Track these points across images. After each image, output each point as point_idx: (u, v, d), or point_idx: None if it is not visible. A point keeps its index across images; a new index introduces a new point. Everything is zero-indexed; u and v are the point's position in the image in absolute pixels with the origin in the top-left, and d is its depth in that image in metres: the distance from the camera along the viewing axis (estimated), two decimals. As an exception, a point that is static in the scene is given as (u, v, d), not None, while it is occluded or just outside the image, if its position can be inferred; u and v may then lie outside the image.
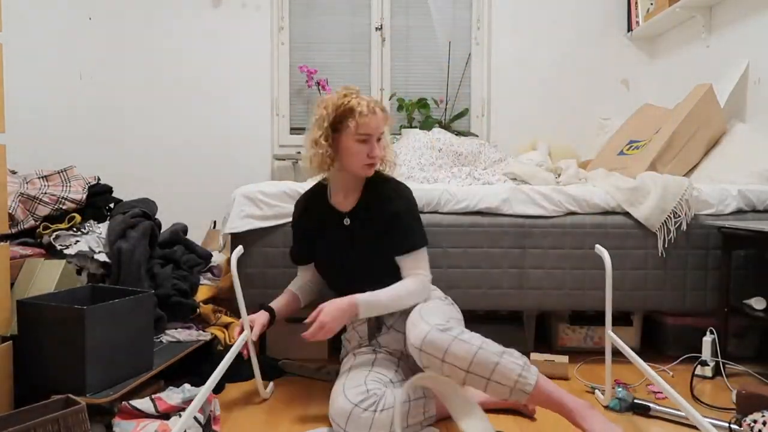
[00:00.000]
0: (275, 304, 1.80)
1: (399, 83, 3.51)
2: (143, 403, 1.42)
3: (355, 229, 1.72)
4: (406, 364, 1.70)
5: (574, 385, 1.92)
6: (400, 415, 1.46)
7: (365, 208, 1.72)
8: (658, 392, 1.84)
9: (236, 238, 2.10)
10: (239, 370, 1.96)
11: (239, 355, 1.70)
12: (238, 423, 1.62)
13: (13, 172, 2.05)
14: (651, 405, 1.64)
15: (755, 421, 1.40)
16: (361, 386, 1.49)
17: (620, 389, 1.74)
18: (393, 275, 1.69)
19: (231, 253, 2.16)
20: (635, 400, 1.67)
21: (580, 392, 1.86)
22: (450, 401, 1.41)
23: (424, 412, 1.52)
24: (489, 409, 1.66)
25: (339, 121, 1.63)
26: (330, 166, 1.66)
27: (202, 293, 2.10)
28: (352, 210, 1.73)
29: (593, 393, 1.85)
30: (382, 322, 1.73)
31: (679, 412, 1.60)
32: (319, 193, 1.80)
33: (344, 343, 1.81)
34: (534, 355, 2.04)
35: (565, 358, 2.02)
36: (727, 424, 1.49)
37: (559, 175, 2.46)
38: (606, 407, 1.72)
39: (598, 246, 1.75)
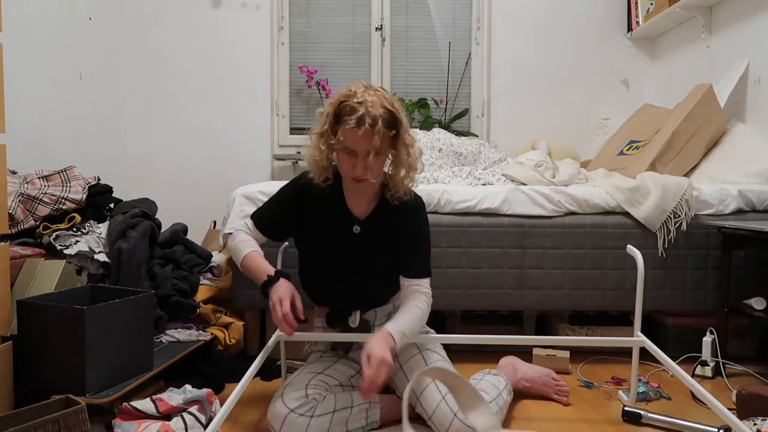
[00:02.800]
0: (274, 266, 1.57)
1: (399, 83, 3.51)
2: (144, 404, 1.42)
3: (363, 239, 1.60)
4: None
5: (572, 382, 1.92)
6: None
7: (379, 219, 1.61)
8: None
9: (236, 238, 2.10)
10: (239, 371, 1.96)
11: (240, 356, 1.69)
12: (239, 423, 1.61)
13: (13, 172, 2.05)
14: (642, 412, 1.62)
15: None
16: (301, 391, 1.47)
17: (640, 383, 1.76)
18: (387, 286, 1.66)
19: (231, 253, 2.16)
20: (625, 407, 1.64)
21: (575, 388, 1.87)
22: (457, 394, 1.42)
23: (367, 417, 1.51)
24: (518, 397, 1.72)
25: (335, 124, 1.47)
26: (324, 171, 1.55)
27: (202, 293, 2.10)
28: (365, 218, 1.61)
29: (589, 388, 1.86)
30: (350, 347, 1.69)
31: (671, 419, 1.58)
32: (336, 186, 1.61)
33: (308, 344, 1.76)
34: (536, 350, 2.06)
35: (566, 353, 2.03)
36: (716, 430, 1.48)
37: (554, 176, 2.45)
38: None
39: (630, 246, 1.74)
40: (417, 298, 1.56)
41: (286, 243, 1.89)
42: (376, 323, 1.67)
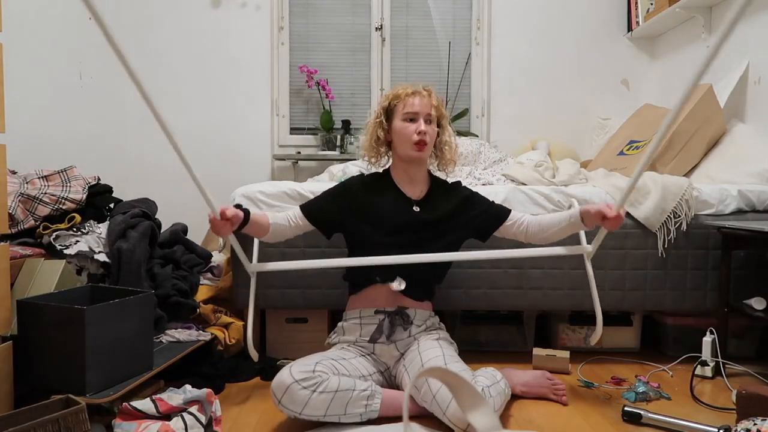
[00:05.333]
0: (252, 213, 1.64)
1: (399, 83, 3.50)
2: (144, 404, 1.42)
3: (424, 215, 1.76)
4: (383, 378, 1.72)
5: (572, 382, 1.92)
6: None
7: (435, 197, 1.81)
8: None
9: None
10: (239, 371, 1.96)
11: (240, 356, 1.70)
12: (238, 423, 1.61)
13: (13, 172, 2.05)
14: (642, 412, 1.61)
15: (748, 430, 1.38)
16: (309, 366, 1.51)
17: (640, 383, 1.77)
18: (437, 269, 1.82)
19: (231, 252, 2.16)
20: (625, 407, 1.64)
21: (575, 389, 1.87)
22: (458, 394, 1.42)
23: (366, 405, 1.53)
24: (516, 397, 1.74)
25: (391, 109, 1.77)
26: (381, 147, 1.79)
27: (202, 293, 2.10)
28: (422, 199, 1.80)
29: (589, 388, 1.86)
30: (392, 332, 1.72)
31: (671, 419, 1.58)
32: (386, 177, 1.83)
33: (338, 330, 1.80)
34: (536, 350, 2.05)
35: (566, 353, 2.03)
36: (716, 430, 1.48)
37: (554, 176, 2.45)
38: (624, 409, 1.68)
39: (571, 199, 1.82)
40: (532, 218, 1.80)
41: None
42: (414, 321, 1.74)
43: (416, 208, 1.77)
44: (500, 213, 1.82)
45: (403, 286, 1.71)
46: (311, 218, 1.78)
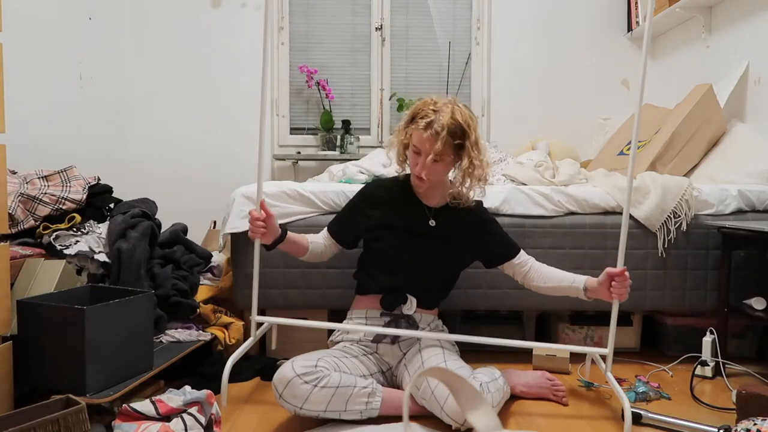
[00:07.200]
0: (290, 233, 1.75)
1: (399, 83, 3.51)
2: (144, 405, 1.42)
3: (438, 228, 1.77)
4: (384, 379, 1.73)
5: (572, 382, 1.92)
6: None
7: (451, 210, 1.79)
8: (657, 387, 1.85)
9: (236, 238, 2.10)
10: (239, 371, 1.96)
11: (242, 356, 1.70)
12: (238, 423, 1.61)
13: (13, 172, 2.05)
14: (642, 412, 1.61)
15: (748, 430, 1.38)
16: (311, 361, 1.52)
17: (640, 383, 1.77)
18: (443, 283, 1.85)
19: (231, 253, 2.16)
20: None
21: (575, 389, 1.87)
22: (458, 393, 1.42)
23: (367, 403, 1.53)
24: (516, 397, 1.76)
25: (409, 123, 1.71)
26: (401, 162, 1.79)
27: (202, 293, 2.10)
28: (439, 208, 1.79)
29: (588, 389, 1.86)
30: (398, 335, 1.74)
31: (671, 419, 1.58)
32: (405, 182, 1.82)
33: (338, 333, 1.82)
34: (536, 350, 2.05)
35: (566, 354, 2.03)
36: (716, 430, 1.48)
37: (554, 176, 2.45)
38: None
39: None
40: (536, 265, 1.81)
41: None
42: (420, 324, 1.78)
43: (432, 222, 1.77)
44: (510, 250, 1.83)
45: (413, 310, 1.75)
46: (335, 236, 1.85)
